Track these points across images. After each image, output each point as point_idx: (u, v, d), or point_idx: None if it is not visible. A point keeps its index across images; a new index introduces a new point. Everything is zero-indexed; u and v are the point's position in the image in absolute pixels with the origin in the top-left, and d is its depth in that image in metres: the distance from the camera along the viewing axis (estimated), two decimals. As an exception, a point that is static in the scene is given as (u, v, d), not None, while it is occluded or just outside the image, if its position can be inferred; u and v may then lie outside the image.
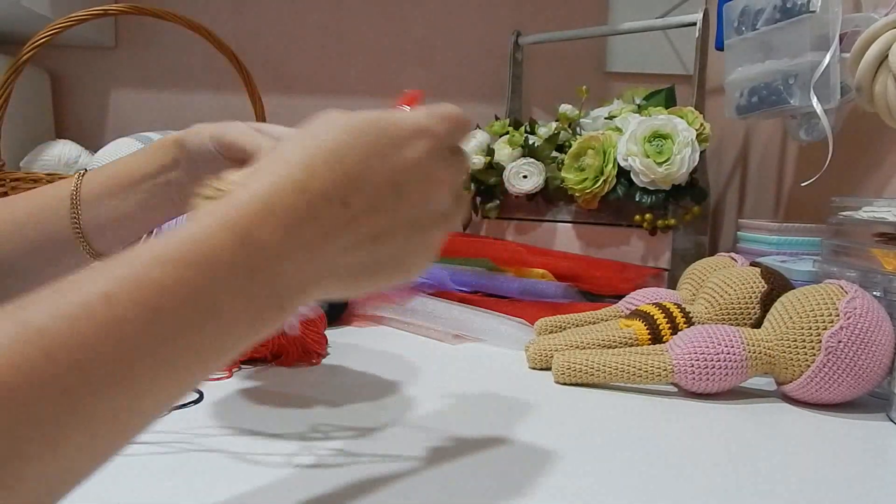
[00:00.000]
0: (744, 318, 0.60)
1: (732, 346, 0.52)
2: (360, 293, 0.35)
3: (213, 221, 0.28)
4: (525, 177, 0.97)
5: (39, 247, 0.51)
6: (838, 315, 0.50)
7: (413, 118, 0.34)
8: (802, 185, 0.75)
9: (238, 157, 0.46)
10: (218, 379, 0.54)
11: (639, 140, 0.87)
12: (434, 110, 0.36)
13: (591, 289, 0.87)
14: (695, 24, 0.99)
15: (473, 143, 1.04)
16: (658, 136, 0.87)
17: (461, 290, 0.82)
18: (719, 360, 0.52)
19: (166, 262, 0.26)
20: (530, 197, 0.99)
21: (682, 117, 0.89)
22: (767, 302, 0.58)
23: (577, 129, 1.05)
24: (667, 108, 0.94)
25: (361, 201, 0.31)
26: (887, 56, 0.60)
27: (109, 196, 0.51)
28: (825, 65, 0.69)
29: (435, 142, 0.34)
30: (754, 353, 0.52)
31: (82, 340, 0.24)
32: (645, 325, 0.60)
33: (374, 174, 0.32)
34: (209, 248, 0.27)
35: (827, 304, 0.51)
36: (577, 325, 0.67)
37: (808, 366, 0.50)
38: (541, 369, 0.60)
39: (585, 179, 0.91)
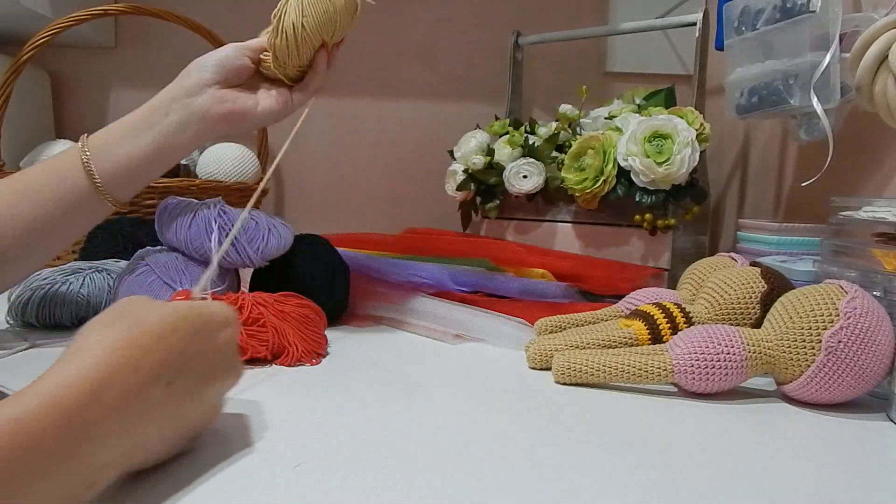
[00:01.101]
0: (744, 318, 0.60)
1: (732, 346, 0.52)
2: (139, 468, 0.35)
3: (39, 403, 0.28)
4: (525, 177, 0.97)
5: (56, 204, 0.57)
6: (838, 315, 0.50)
7: (221, 310, 0.39)
8: (802, 185, 0.75)
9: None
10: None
11: (639, 140, 0.87)
12: (220, 304, 0.41)
13: (591, 289, 0.87)
14: (695, 24, 0.99)
15: (473, 143, 1.04)
16: (658, 136, 0.87)
17: (461, 290, 0.82)
18: (719, 360, 0.52)
19: None
20: (530, 197, 0.99)
21: (682, 117, 0.89)
22: (767, 302, 0.58)
23: (577, 129, 1.05)
24: (667, 108, 0.94)
25: (183, 383, 0.34)
26: (887, 56, 0.60)
27: (120, 142, 0.59)
28: (825, 65, 0.69)
29: (234, 331, 0.40)
30: (754, 353, 0.52)
31: None
32: (645, 325, 0.60)
33: (195, 358, 0.35)
34: (30, 434, 0.27)
35: (827, 304, 0.51)
36: (577, 325, 0.67)
37: (808, 366, 0.50)
38: (541, 369, 0.60)
39: (585, 179, 0.91)
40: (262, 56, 0.65)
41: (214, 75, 0.61)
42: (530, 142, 1.00)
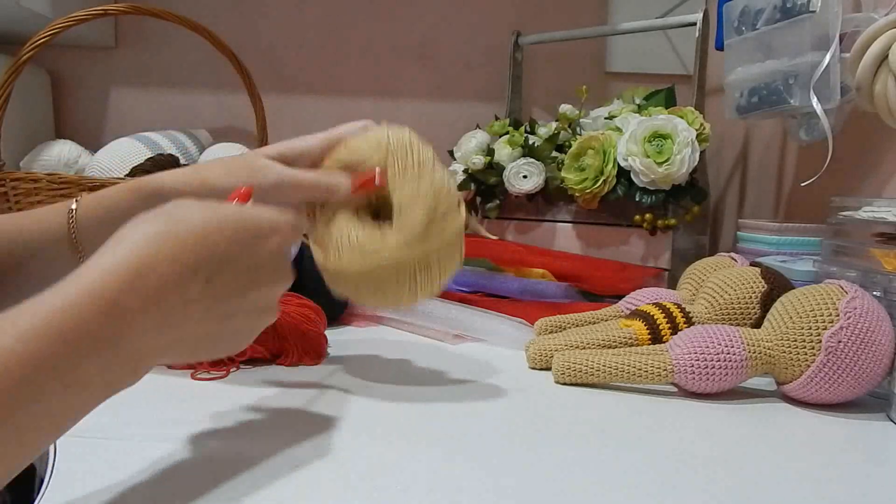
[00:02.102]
0: (744, 318, 0.60)
1: (732, 346, 0.52)
2: (193, 360, 0.38)
3: (80, 290, 0.29)
4: (525, 177, 0.97)
5: (37, 249, 0.51)
6: (838, 315, 0.50)
7: (270, 216, 0.38)
8: (802, 185, 0.74)
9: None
10: (216, 378, 0.54)
11: (639, 140, 0.87)
12: (272, 209, 0.39)
13: (591, 289, 0.87)
14: (695, 24, 0.99)
15: (473, 143, 1.04)
16: (658, 136, 0.87)
17: (461, 290, 0.82)
18: (719, 360, 0.52)
19: (30, 338, 0.27)
20: (530, 197, 0.99)
21: (682, 117, 0.89)
22: (767, 302, 0.58)
23: (577, 129, 1.05)
24: (667, 108, 0.94)
25: (222, 281, 0.34)
26: (887, 56, 0.60)
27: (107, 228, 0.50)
28: (825, 65, 0.69)
29: (285, 239, 0.38)
30: (754, 353, 0.52)
31: None
32: (645, 325, 0.60)
33: (237, 260, 0.35)
34: (74, 321, 0.29)
35: (827, 304, 0.51)
36: (577, 325, 0.67)
37: (808, 366, 0.50)
38: (541, 369, 0.60)
39: (585, 179, 0.91)
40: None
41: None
42: (530, 142, 1.00)
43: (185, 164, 1.06)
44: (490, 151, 1.03)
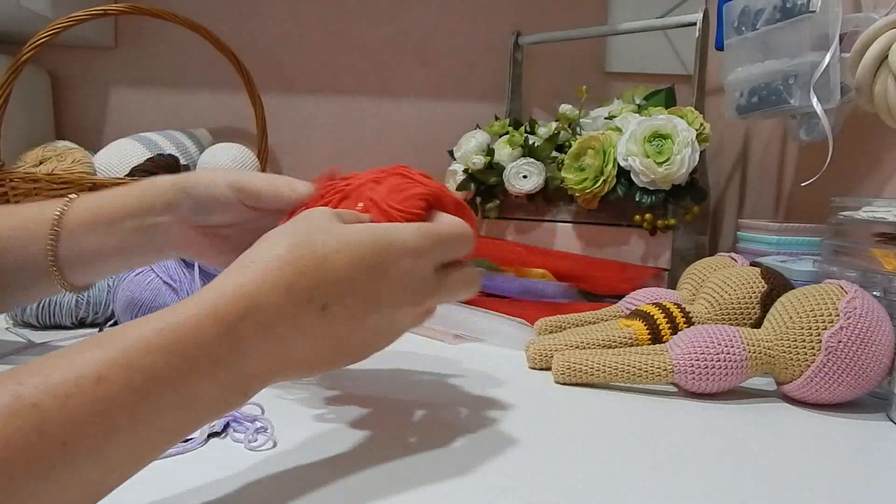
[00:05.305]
0: (744, 318, 0.60)
1: (732, 346, 0.52)
2: (305, 376, 0.37)
3: (201, 312, 0.31)
4: (525, 177, 0.97)
5: (13, 272, 0.49)
6: (838, 315, 0.50)
7: (405, 237, 0.36)
8: (802, 185, 0.75)
9: (253, 202, 0.48)
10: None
11: (639, 140, 0.87)
12: (431, 228, 0.38)
13: (591, 289, 0.87)
14: (695, 24, 0.99)
15: (473, 143, 1.04)
16: (658, 136, 0.87)
17: (461, 290, 0.82)
18: (719, 360, 0.52)
19: (155, 350, 0.29)
20: (530, 197, 0.99)
21: (682, 117, 0.89)
22: (767, 302, 0.58)
23: (577, 129, 1.05)
24: (667, 108, 0.94)
25: (339, 309, 0.34)
26: (887, 56, 0.60)
27: (91, 229, 0.49)
28: (825, 65, 0.69)
29: (419, 261, 0.37)
30: (754, 353, 0.52)
31: (72, 419, 0.26)
32: (645, 325, 0.60)
33: (357, 287, 0.35)
34: (195, 340, 0.30)
35: (827, 304, 0.51)
36: (577, 325, 0.67)
37: (808, 366, 0.50)
38: (541, 369, 0.60)
39: (585, 179, 0.91)
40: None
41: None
42: (530, 142, 1.00)
43: (184, 165, 1.06)
44: (490, 151, 1.03)
